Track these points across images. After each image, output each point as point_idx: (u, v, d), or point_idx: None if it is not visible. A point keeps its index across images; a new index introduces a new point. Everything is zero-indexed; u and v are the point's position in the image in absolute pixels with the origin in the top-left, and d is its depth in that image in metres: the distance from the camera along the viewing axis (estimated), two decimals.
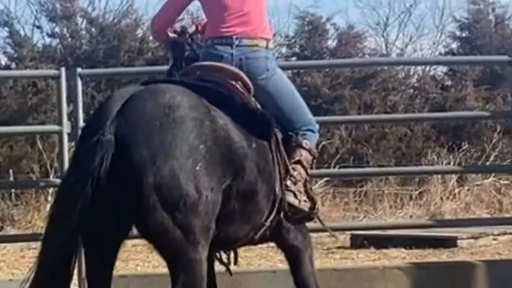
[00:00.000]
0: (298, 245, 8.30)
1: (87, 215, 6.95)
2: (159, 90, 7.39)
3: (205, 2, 8.32)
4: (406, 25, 29.48)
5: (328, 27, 25.91)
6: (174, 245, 7.04)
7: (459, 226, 16.58)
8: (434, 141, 23.31)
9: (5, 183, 19.50)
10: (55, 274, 7.26)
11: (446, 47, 28.01)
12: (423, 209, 20.22)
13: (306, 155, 8.15)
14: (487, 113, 20.52)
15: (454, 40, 27.86)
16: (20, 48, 23.75)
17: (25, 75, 21.34)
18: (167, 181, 6.89)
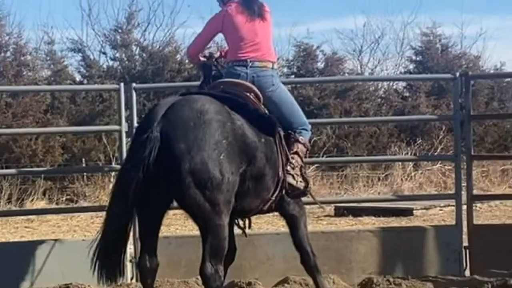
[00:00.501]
0: (295, 214, 8.55)
1: (139, 192, 7.36)
2: (193, 99, 7.75)
3: (227, 34, 8.51)
4: (375, 51, 29.32)
5: (317, 53, 25.82)
6: (204, 214, 7.40)
7: (414, 200, 16.91)
8: (396, 137, 23.42)
9: (79, 168, 19.73)
10: (116, 235, 7.66)
11: (405, 68, 28.04)
12: (388, 187, 20.34)
13: (302, 148, 8.40)
14: (435, 117, 20.76)
15: (411, 62, 27.86)
16: (90, 68, 23.72)
17: (94, 88, 21.50)
18: (199, 167, 7.25)
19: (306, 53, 25.71)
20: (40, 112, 20.98)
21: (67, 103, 21.66)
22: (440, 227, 10.59)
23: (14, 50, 23.00)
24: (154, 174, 7.28)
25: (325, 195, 17.77)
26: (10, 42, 23.14)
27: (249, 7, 8.36)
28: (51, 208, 17.57)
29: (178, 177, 7.28)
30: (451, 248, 10.20)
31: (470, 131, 10.55)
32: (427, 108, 23.77)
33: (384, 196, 18.86)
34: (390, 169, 20.84)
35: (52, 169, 19.74)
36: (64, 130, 20.58)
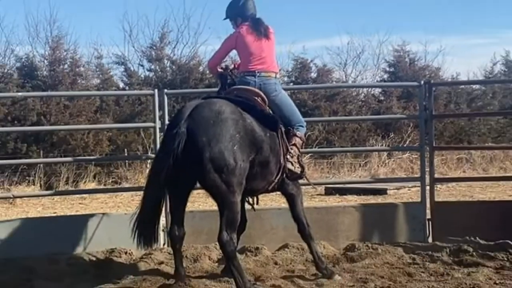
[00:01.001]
0: (293, 193, 8.57)
1: (170, 176, 7.40)
2: (212, 102, 7.82)
3: (239, 51, 8.51)
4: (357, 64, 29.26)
5: (311, 65, 25.71)
6: (221, 193, 7.49)
7: (388, 182, 16.87)
8: (373, 132, 23.34)
9: (122, 157, 19.72)
10: (151, 210, 7.78)
11: (380, 77, 27.96)
12: (367, 172, 20.28)
13: (298, 140, 8.40)
14: (405, 116, 20.82)
15: (385, 73, 27.76)
16: (130, 77, 23.66)
17: (134, 93, 21.64)
18: (217, 156, 7.35)
19: (302, 65, 25.65)
20: (91, 112, 20.99)
21: (113, 105, 21.65)
22: (408, 203, 10.58)
23: (70, 63, 22.99)
24: (181, 161, 7.40)
25: (317, 178, 17.72)
26: (68, 56, 23.16)
27: (257, 29, 8.40)
28: (100, 188, 17.58)
29: (201, 164, 7.39)
30: (417, 220, 10.21)
31: (432, 127, 10.53)
32: (398, 109, 23.75)
33: (364, 179, 18.83)
34: (368, 157, 20.80)
35: (100, 157, 19.78)
36: (110, 127, 20.66)
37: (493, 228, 9.69)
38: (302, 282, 8.12)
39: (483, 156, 21.89)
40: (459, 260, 8.98)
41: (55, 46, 23.56)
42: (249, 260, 9.05)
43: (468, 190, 16.54)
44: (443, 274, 8.43)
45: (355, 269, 8.73)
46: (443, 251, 9.34)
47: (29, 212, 14.28)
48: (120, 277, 8.51)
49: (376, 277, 8.31)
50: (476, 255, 9.13)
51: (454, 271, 8.55)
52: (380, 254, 9.37)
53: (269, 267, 8.91)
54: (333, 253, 9.49)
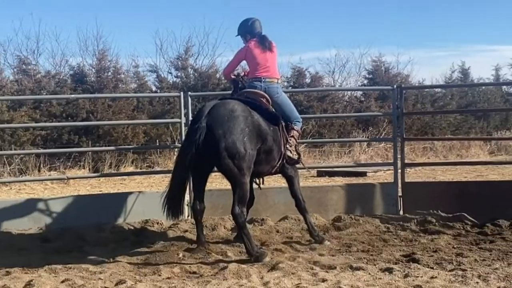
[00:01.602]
0: (292, 175, 8.56)
1: (192, 161, 7.42)
2: (227, 102, 7.85)
3: (248, 61, 8.50)
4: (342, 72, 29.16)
5: (306, 73, 25.59)
6: (233, 175, 7.55)
7: (367, 167, 16.80)
8: (356, 126, 23.13)
9: (154, 146, 19.68)
10: (178, 189, 7.80)
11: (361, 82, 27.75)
12: (350, 158, 20.16)
13: (296, 133, 8.39)
14: (381, 113, 20.51)
15: (365, 79, 27.53)
16: (161, 83, 23.49)
17: (164, 95, 21.44)
18: (230, 145, 7.40)
19: (298, 73, 25.51)
20: (130, 111, 20.93)
21: (147, 104, 21.59)
22: (384, 183, 10.55)
23: (113, 71, 22.93)
24: (202, 150, 7.45)
25: (311, 163, 17.64)
26: (111, 66, 23.09)
27: (262, 43, 8.40)
28: (137, 171, 17.54)
29: (217, 152, 7.46)
30: (390, 197, 10.19)
31: (402, 123, 10.51)
32: (375, 108, 23.63)
33: (348, 164, 18.71)
34: (352, 146, 20.71)
35: (137, 146, 19.71)
36: (144, 122, 20.54)
37: (452, 203, 9.70)
38: (298, 247, 8.14)
39: (444, 146, 21.82)
40: (424, 229, 9.01)
41: (101, 57, 23.56)
42: (256, 229, 9.06)
43: (431, 173, 16.50)
44: (412, 240, 8.46)
45: (341, 236, 8.75)
46: (412, 222, 9.35)
47: (80, 191, 14.29)
48: (153, 243, 8.54)
49: (358, 242, 8.34)
50: (438, 225, 9.16)
51: (421, 237, 8.59)
52: (361, 224, 9.40)
53: (272, 235, 8.92)
54: (324, 223, 9.49)
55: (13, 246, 8.46)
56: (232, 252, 7.91)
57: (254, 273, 6.78)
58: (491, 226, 8.88)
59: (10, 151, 17.49)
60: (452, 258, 7.27)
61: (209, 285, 6.38)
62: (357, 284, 6.22)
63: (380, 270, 6.79)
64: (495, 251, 7.58)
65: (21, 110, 19.63)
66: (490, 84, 28.10)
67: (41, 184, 15.54)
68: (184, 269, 7.12)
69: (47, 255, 7.92)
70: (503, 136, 23.78)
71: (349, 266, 6.99)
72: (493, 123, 26.73)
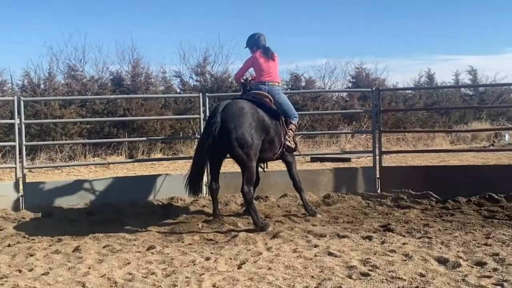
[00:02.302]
0: (290, 160, 8.52)
1: (209, 149, 7.39)
2: (237, 101, 7.82)
3: (254, 68, 8.42)
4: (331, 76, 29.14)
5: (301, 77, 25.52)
6: (243, 161, 7.53)
7: (351, 154, 16.74)
8: (342, 121, 23.12)
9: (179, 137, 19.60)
10: (197, 172, 7.76)
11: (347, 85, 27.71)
12: (338, 147, 20.11)
13: (293, 126, 8.34)
14: (362, 111, 20.38)
15: (350, 82, 27.51)
16: (184, 86, 23.40)
17: (186, 96, 21.30)
18: (240, 136, 7.39)
19: (295, 77, 25.46)
20: (158, 108, 20.93)
21: (172, 103, 21.56)
22: (365, 167, 10.50)
23: (145, 76, 22.96)
24: (217, 140, 7.45)
25: (306, 151, 17.58)
26: (143, 72, 23.12)
27: (266, 54, 8.37)
28: (164, 157, 17.53)
29: (229, 142, 7.45)
30: (370, 178, 10.14)
31: (380, 118, 10.47)
32: (358, 106, 23.55)
33: (336, 152, 18.70)
34: (339, 137, 20.66)
35: (164, 137, 19.74)
36: (170, 117, 20.50)
37: (420, 184, 9.69)
38: (295, 219, 8.14)
39: (413, 137, 21.74)
40: (398, 204, 8.99)
41: (135, 65, 23.61)
42: (261, 204, 9.04)
43: (403, 159, 16.46)
44: (387, 213, 8.44)
45: (330, 210, 8.73)
46: (387, 198, 9.31)
47: (118, 173, 14.28)
48: (177, 216, 8.54)
49: (343, 215, 8.33)
50: (409, 201, 9.13)
51: (394, 211, 8.57)
52: (346, 200, 9.37)
53: (274, 209, 8.91)
54: (316, 200, 9.46)
55: (64, 218, 8.52)
56: (241, 223, 7.92)
57: (260, 240, 6.83)
58: (451, 202, 8.87)
59: (62, 141, 17.59)
60: (420, 228, 7.30)
61: (223, 250, 6.42)
62: (343, 249, 6.25)
63: (362, 238, 6.83)
64: (455, 222, 7.61)
65: (70, 108, 19.72)
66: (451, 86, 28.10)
67: (86, 168, 15.55)
68: (202, 237, 7.17)
69: (91, 226, 7.97)
70: (461, 129, 23.70)
71: (337, 234, 7.01)
72: (453, 119, 26.71)
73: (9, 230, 7.82)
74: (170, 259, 6.05)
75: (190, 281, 5.20)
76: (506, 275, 5.13)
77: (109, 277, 5.43)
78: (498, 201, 8.79)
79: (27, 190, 9.26)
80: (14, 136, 9.25)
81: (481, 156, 16.38)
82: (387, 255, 5.95)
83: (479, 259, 5.65)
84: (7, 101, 16.71)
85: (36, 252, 6.54)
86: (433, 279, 5.06)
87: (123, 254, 6.35)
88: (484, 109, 27.27)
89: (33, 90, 20.54)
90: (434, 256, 5.85)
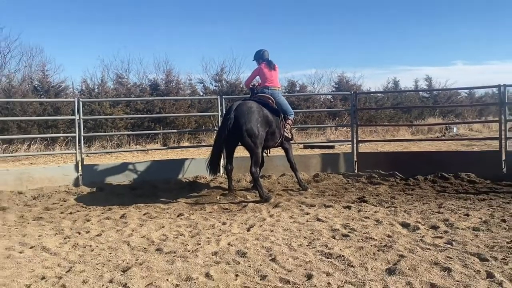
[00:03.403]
0: (288, 147, 8.46)
1: (225, 139, 7.35)
2: (247, 102, 7.76)
3: (260, 77, 8.33)
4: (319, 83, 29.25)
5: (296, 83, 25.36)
6: (251, 148, 7.51)
7: (335, 142, 16.67)
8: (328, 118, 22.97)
9: (202, 129, 19.47)
10: (216, 156, 7.70)
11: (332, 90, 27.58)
12: (325, 137, 20.02)
13: (290, 121, 8.27)
14: (343, 109, 20.26)
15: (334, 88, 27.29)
16: (206, 90, 23.15)
17: (207, 98, 20.97)
18: (249, 129, 7.36)
19: (291, 83, 25.28)
20: (186, 107, 20.87)
21: (197, 103, 21.46)
22: (345, 153, 10.44)
23: (175, 82, 22.86)
24: (231, 132, 7.43)
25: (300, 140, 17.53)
26: (174, 79, 23.03)
27: (269, 65, 8.34)
28: (190, 145, 17.44)
29: (241, 133, 7.43)
30: (349, 161, 10.12)
31: (357, 115, 10.42)
32: (340, 106, 23.37)
33: (323, 141, 18.58)
34: (325, 130, 20.54)
35: (191, 130, 19.63)
36: (195, 114, 20.28)
37: (388, 165, 9.68)
38: (292, 192, 8.11)
39: (382, 129, 21.57)
40: (371, 181, 8.96)
41: (168, 74, 23.53)
42: (265, 181, 9.01)
43: (374, 146, 16.38)
44: (362, 188, 8.42)
45: (318, 186, 8.71)
46: (363, 177, 9.29)
47: (155, 157, 14.29)
48: (201, 190, 8.54)
49: (329, 190, 8.30)
50: (379, 179, 9.11)
51: (368, 186, 8.55)
52: (331, 178, 9.34)
53: (275, 185, 8.88)
54: (307, 178, 9.43)
55: (113, 192, 8.53)
56: (250, 196, 7.90)
57: (264, 209, 6.82)
58: (412, 180, 8.86)
59: (111, 133, 17.62)
60: (388, 199, 7.29)
61: (236, 216, 6.43)
62: (328, 216, 6.24)
63: (343, 207, 6.82)
64: (415, 195, 7.59)
65: (118, 107, 19.71)
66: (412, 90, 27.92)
67: (130, 153, 15.56)
68: (220, 206, 7.16)
69: (134, 198, 7.98)
70: (420, 123, 23.54)
71: (323, 204, 7.00)
72: (413, 115, 26.50)
73: (71, 201, 7.86)
74: (195, 224, 6.06)
75: (210, 241, 5.21)
76: (454, 236, 5.14)
77: (148, 238, 5.45)
78: (448, 179, 8.79)
79: (85, 170, 9.28)
80: (75, 129, 9.26)
81: (435, 144, 16.40)
82: (362, 221, 5.95)
83: (433, 224, 5.66)
84: (69, 102, 17.00)
85: (92, 218, 6.58)
86: (398, 239, 5.06)
87: (158, 220, 6.37)
88: (437, 108, 27.24)
89: (89, 93, 20.61)
90: (399, 221, 5.85)
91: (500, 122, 9.18)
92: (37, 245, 5.26)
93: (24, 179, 8.73)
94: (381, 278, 3.92)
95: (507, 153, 9.10)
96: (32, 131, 17.36)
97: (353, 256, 4.53)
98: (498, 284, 3.75)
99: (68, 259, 4.72)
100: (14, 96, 18.50)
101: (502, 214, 6.06)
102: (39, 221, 6.53)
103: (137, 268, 4.33)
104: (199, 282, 3.95)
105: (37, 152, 15.29)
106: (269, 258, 4.53)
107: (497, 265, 4.18)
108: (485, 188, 7.99)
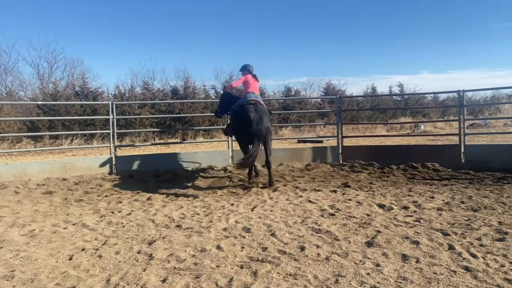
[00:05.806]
0: None
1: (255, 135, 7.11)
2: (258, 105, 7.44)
3: (245, 83, 7.93)
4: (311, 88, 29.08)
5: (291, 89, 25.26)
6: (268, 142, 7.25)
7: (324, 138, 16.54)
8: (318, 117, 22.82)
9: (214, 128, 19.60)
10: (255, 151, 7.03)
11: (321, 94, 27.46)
12: (315, 133, 20.00)
13: None
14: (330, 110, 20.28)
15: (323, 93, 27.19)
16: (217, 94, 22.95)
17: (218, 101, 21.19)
18: (269, 127, 7.20)
19: (288, 89, 25.22)
20: (201, 109, 20.80)
21: (210, 105, 21.34)
22: (332, 146, 10.37)
23: (192, 89, 22.78)
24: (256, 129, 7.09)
25: (294, 135, 17.48)
26: (191, 85, 22.96)
27: (254, 77, 8.06)
28: (204, 140, 17.42)
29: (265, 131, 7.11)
30: (335, 153, 10.06)
31: (341, 115, 10.35)
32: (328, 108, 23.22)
33: (314, 136, 18.44)
34: (315, 127, 20.37)
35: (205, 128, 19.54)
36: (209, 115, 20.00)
37: (367, 157, 9.62)
38: (288, 179, 8.05)
39: (363, 127, 21.52)
40: (353, 170, 8.91)
41: (186, 81, 23.46)
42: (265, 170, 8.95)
43: (356, 141, 16.30)
44: (346, 176, 8.37)
45: (310, 174, 8.66)
46: (346, 166, 9.23)
47: (175, 150, 14.28)
48: (213, 177, 8.47)
49: (318, 177, 8.25)
50: (360, 168, 9.06)
51: (351, 174, 8.50)
52: (320, 167, 9.28)
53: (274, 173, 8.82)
54: (301, 167, 9.37)
55: (140, 179, 8.48)
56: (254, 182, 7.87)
57: (265, 193, 6.79)
58: (387, 168, 8.80)
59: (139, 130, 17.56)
60: (367, 185, 7.25)
61: (242, 199, 6.40)
62: (318, 198, 6.21)
63: (330, 191, 6.78)
64: (389, 181, 7.54)
65: (144, 108, 19.68)
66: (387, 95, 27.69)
67: (154, 147, 15.53)
68: (229, 190, 7.12)
69: (158, 183, 7.94)
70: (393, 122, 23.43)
71: (314, 189, 6.97)
72: (388, 115, 26.40)
73: (106, 186, 7.85)
74: (208, 205, 6.05)
75: (221, 219, 5.21)
76: (422, 215, 5.12)
77: (169, 216, 5.45)
78: (416, 168, 8.74)
79: (117, 161, 9.26)
80: (109, 126, 9.24)
81: (406, 139, 16.31)
82: (346, 202, 5.93)
83: (405, 205, 5.64)
84: (105, 104, 16.98)
85: (123, 200, 6.56)
86: (375, 218, 5.04)
87: (178, 201, 6.36)
88: (408, 109, 27.23)
89: (121, 97, 20.60)
90: (376, 203, 5.83)
91: (460, 121, 9.16)
92: (78, 222, 5.27)
93: (67, 168, 8.75)
94: (361, 250, 3.93)
95: (466, 147, 9.08)
96: (74, 128, 17.44)
97: (338, 231, 4.52)
98: (458, 255, 3.76)
99: (104, 234, 4.73)
100: (59, 99, 18.75)
101: (461, 197, 6.03)
102: (80, 202, 6.53)
103: (161, 241, 4.34)
104: (211, 253, 3.96)
105: (78, 146, 15.19)
106: (269, 233, 4.53)
107: (457, 239, 4.19)
108: (447, 176, 7.95)
